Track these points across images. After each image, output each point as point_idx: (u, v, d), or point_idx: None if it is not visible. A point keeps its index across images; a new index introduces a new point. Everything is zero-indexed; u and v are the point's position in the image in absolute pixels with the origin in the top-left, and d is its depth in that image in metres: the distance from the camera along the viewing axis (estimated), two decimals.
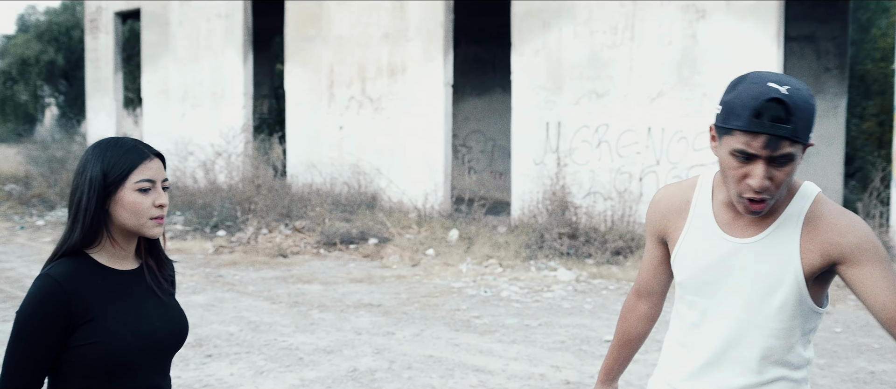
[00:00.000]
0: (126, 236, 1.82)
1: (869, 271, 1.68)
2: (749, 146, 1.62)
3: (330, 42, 13.84)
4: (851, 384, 4.95)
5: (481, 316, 6.65)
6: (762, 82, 1.63)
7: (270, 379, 5.04)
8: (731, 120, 1.65)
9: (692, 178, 1.91)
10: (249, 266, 9.09)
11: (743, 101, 1.62)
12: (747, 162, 1.64)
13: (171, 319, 1.87)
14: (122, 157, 1.77)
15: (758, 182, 1.62)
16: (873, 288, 1.68)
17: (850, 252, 1.69)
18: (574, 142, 11.22)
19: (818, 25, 13.66)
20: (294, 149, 14.29)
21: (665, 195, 1.91)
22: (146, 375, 1.81)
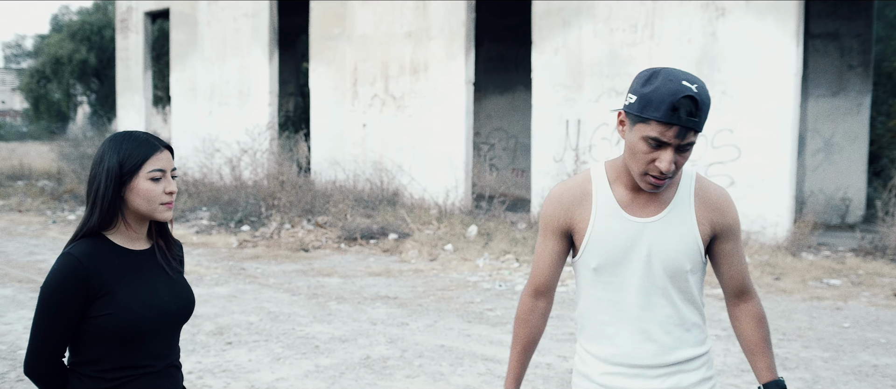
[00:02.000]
0: (139, 220, 2.01)
1: (733, 246, 2.04)
2: (663, 135, 1.83)
3: (354, 41, 14.04)
4: (853, 376, 5.01)
5: (494, 309, 6.78)
6: (677, 80, 1.83)
7: (286, 365, 5.22)
8: (649, 111, 1.84)
9: (583, 173, 2.07)
10: (272, 259, 9.30)
11: (661, 96, 1.81)
12: (658, 148, 1.85)
13: (178, 294, 2.06)
14: (137, 149, 1.96)
15: (666, 165, 1.85)
16: (733, 261, 2.04)
17: (728, 227, 2.03)
18: (593, 140, 11.30)
19: (842, 23, 13.58)
20: (318, 147, 14.52)
21: (564, 190, 2.03)
22: (156, 344, 2.01)
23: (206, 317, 6.39)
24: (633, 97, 1.88)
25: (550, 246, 2.06)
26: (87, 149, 17.21)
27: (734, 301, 2.08)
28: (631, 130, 1.90)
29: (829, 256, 9.19)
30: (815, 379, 4.99)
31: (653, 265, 1.97)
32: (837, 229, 12.12)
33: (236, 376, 5.02)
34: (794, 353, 5.54)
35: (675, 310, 2.01)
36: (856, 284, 7.86)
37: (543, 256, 2.07)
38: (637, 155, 1.89)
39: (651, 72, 1.89)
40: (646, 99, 1.85)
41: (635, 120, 1.88)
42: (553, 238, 2.04)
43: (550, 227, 2.04)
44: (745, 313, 2.07)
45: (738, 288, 2.06)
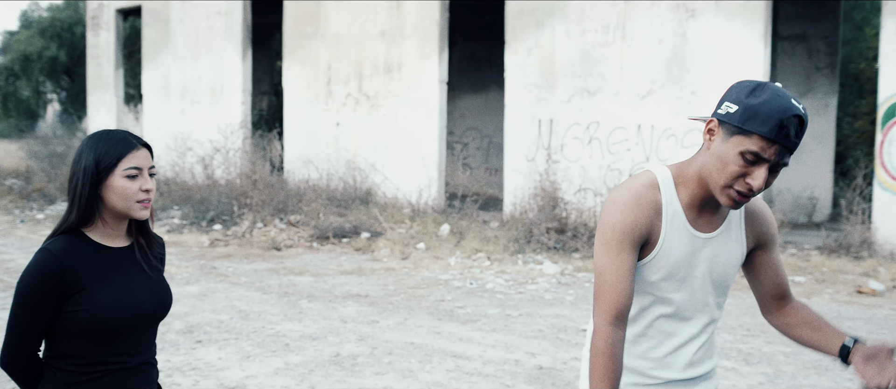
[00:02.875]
0: (116, 217, 2.03)
1: (777, 254, 2.03)
2: (764, 151, 1.72)
3: (327, 39, 14.03)
4: (813, 370, 5.12)
5: (465, 307, 6.83)
6: (786, 97, 1.73)
7: (256, 363, 5.23)
8: (753, 124, 1.72)
9: (643, 178, 1.89)
10: (243, 258, 9.28)
11: (770, 111, 1.70)
12: (753, 164, 1.75)
13: (155, 292, 2.08)
14: (113, 147, 1.98)
15: (759, 183, 1.75)
16: (779, 269, 2.03)
17: (772, 237, 2.01)
18: (565, 139, 11.39)
19: (810, 25, 13.80)
20: (291, 146, 14.48)
21: (639, 195, 1.85)
22: (130, 341, 2.03)
23: (176, 316, 6.37)
24: (734, 107, 1.76)
25: (627, 260, 1.82)
26: (56, 147, 17.03)
27: (778, 303, 2.03)
28: (725, 141, 1.78)
29: (795, 254, 9.34)
30: (776, 374, 5.09)
31: (706, 281, 1.93)
32: (804, 227, 12.32)
33: (205, 374, 5.02)
34: (757, 348, 5.64)
35: (711, 323, 1.99)
36: (820, 281, 8.01)
37: (623, 272, 1.81)
38: (727, 168, 1.77)
39: (756, 83, 1.77)
40: (751, 110, 1.73)
41: (733, 131, 1.76)
42: (629, 249, 1.82)
43: (629, 237, 1.82)
44: (793, 307, 2.03)
45: (783, 291, 2.03)
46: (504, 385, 4.82)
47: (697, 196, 1.87)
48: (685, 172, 1.88)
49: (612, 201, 1.85)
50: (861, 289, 7.64)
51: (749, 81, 1.79)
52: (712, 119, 1.80)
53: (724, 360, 5.35)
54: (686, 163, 1.90)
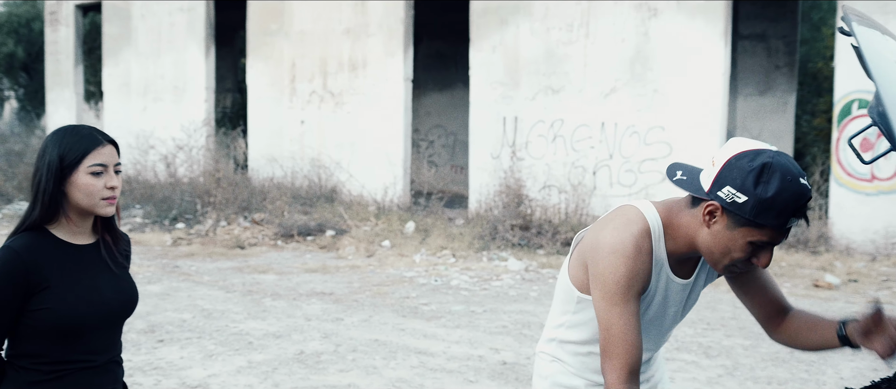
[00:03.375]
0: (81, 214, 2.00)
1: (759, 274, 1.97)
2: (775, 240, 1.66)
3: (292, 37, 13.95)
4: (771, 362, 5.23)
5: (429, 304, 6.85)
6: (795, 177, 1.62)
7: (219, 362, 5.19)
8: (767, 218, 1.62)
9: (639, 224, 1.80)
10: (207, 257, 9.20)
11: (784, 203, 1.60)
12: (761, 248, 1.68)
13: (121, 290, 2.05)
14: (77, 143, 1.95)
15: (767, 263, 1.70)
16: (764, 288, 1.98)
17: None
18: (530, 137, 11.46)
19: (769, 24, 14.04)
20: (255, 143, 14.38)
21: (641, 246, 1.77)
22: (96, 339, 2.01)
23: (138, 315, 6.29)
24: (742, 197, 1.63)
25: (634, 311, 1.75)
26: (14, 145, 16.71)
27: (777, 321, 1.95)
28: (731, 230, 1.68)
29: None
30: (735, 366, 5.18)
31: (675, 318, 1.96)
32: None
33: (167, 373, 4.97)
34: (716, 341, 5.74)
35: (663, 347, 2.07)
36: (778, 276, 8.15)
37: (632, 326, 1.74)
38: (732, 254, 1.71)
39: (761, 164, 1.63)
40: (765, 204, 1.62)
41: (743, 222, 1.66)
42: (634, 300, 1.76)
43: (634, 289, 1.76)
44: (791, 318, 1.95)
45: (779, 308, 1.95)
46: (468, 380, 4.85)
47: (683, 251, 1.82)
48: (674, 225, 1.81)
49: (613, 251, 1.75)
50: (818, 283, 7.80)
51: (748, 157, 1.65)
52: (713, 202, 1.69)
53: (684, 354, 5.44)
54: (675, 213, 1.82)
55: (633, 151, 10.76)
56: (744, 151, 1.67)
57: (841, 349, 1.87)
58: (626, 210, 1.84)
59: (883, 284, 7.86)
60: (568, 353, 2.00)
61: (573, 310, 1.95)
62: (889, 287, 7.75)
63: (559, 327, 2.01)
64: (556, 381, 2.01)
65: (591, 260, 1.81)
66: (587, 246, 1.85)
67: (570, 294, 1.95)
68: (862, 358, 5.41)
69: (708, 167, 1.73)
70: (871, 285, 7.82)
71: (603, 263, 1.76)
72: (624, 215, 1.82)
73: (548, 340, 2.05)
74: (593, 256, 1.80)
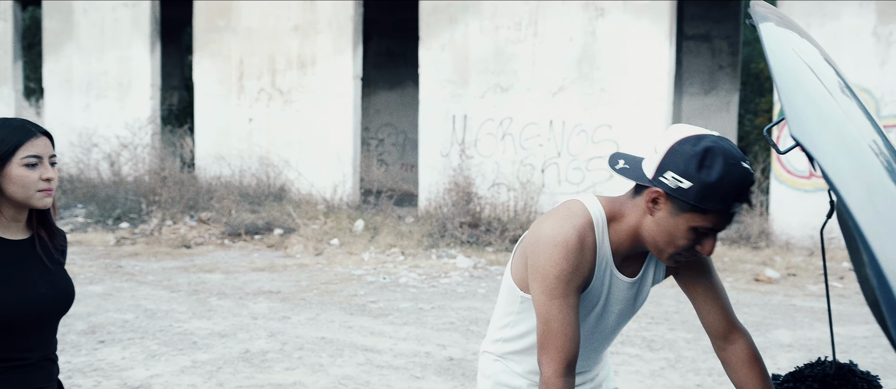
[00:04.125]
0: (16, 208, 1.95)
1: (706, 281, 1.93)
2: (718, 225, 1.63)
3: (239, 33, 13.78)
4: (712, 355, 5.34)
5: (377, 301, 6.84)
6: (737, 161, 1.60)
7: (162, 362, 5.11)
8: (712, 202, 1.60)
9: (582, 217, 1.77)
10: (151, 257, 9.04)
11: (729, 187, 1.59)
12: (705, 235, 1.66)
13: (56, 286, 2.00)
14: (9, 135, 1.90)
15: (711, 249, 1.67)
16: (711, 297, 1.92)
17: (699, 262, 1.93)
18: (479, 135, 11.51)
19: (713, 25, 14.33)
20: (202, 141, 14.17)
21: (582, 237, 1.74)
22: (29, 336, 1.96)
23: (78, 316, 6.16)
24: (686, 182, 1.61)
25: (573, 305, 1.73)
26: None
27: (723, 340, 1.90)
28: (674, 215, 1.66)
29: None
30: (677, 359, 5.29)
31: (621, 317, 1.92)
32: None
33: (108, 374, 4.88)
34: (660, 335, 5.85)
35: (610, 345, 2.03)
36: (721, 270, 8.34)
37: (570, 319, 1.73)
38: (677, 241, 1.68)
39: (703, 149, 1.61)
40: (709, 189, 1.60)
41: (687, 208, 1.64)
42: (575, 294, 1.74)
43: (574, 283, 1.74)
44: (734, 347, 1.89)
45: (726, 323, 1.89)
46: (414, 377, 4.85)
47: (628, 246, 1.79)
48: (618, 218, 1.78)
49: (553, 243, 1.72)
50: (758, 277, 8.00)
51: (690, 142, 1.63)
52: (656, 189, 1.67)
53: (628, 347, 5.52)
54: (618, 206, 1.79)
55: (580, 149, 10.89)
56: (686, 137, 1.65)
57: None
58: (569, 204, 1.82)
59: (820, 278, 8.09)
60: (511, 352, 1.98)
61: (517, 310, 1.93)
62: None
63: (504, 327, 1.99)
64: (499, 381, 2.00)
65: (531, 253, 1.79)
66: (528, 241, 1.83)
67: (513, 293, 1.93)
68: (798, 349, 5.56)
69: (650, 154, 1.72)
70: (809, 279, 8.04)
71: (543, 256, 1.74)
72: (567, 208, 1.80)
73: (492, 340, 2.04)
74: (533, 249, 1.77)
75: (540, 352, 1.74)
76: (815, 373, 1.82)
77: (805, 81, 1.05)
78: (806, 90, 1.02)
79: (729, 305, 1.90)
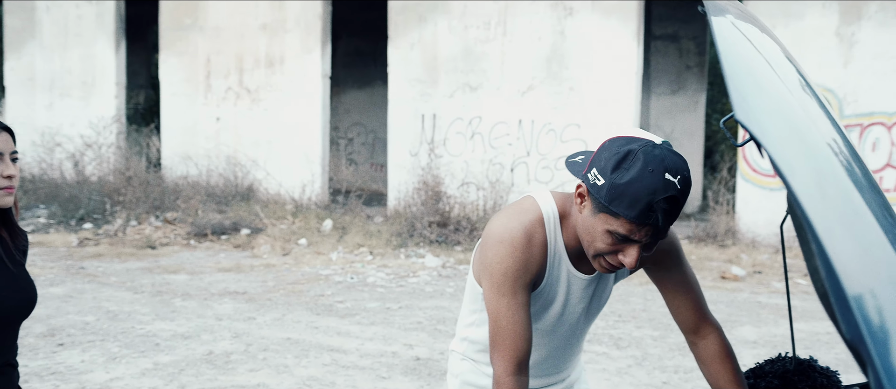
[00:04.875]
0: None
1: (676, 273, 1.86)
2: (633, 234, 1.56)
3: (207, 32, 13.62)
4: (678, 352, 5.37)
5: (344, 301, 6.78)
6: (660, 171, 1.51)
7: (122, 365, 5.01)
8: (619, 206, 1.53)
9: (531, 213, 1.73)
10: (115, 258, 8.89)
11: (637, 193, 1.50)
12: (624, 242, 1.59)
13: (18, 288, 1.93)
14: None
15: (631, 261, 1.59)
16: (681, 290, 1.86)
17: (666, 255, 1.85)
18: (448, 134, 11.49)
19: (681, 25, 14.44)
20: (169, 141, 13.98)
21: (532, 235, 1.70)
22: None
23: (37, 319, 6.03)
24: (600, 179, 1.56)
25: (523, 302, 1.68)
26: None
27: (694, 335, 1.85)
28: (593, 215, 1.61)
29: None
30: (644, 356, 5.30)
31: (582, 316, 1.87)
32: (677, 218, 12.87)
33: (66, 378, 4.77)
34: (627, 333, 5.86)
35: (579, 346, 1.97)
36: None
37: (520, 317, 1.68)
38: (595, 242, 1.62)
39: (626, 150, 1.55)
40: (617, 190, 1.53)
41: (601, 208, 1.58)
42: (524, 291, 1.69)
43: (523, 280, 1.68)
44: (705, 341, 1.85)
45: (697, 317, 1.84)
46: (380, 377, 4.81)
47: (579, 245, 1.74)
48: (568, 216, 1.74)
49: (501, 240, 1.68)
50: (725, 275, 8.06)
51: (620, 142, 1.58)
52: (581, 184, 1.64)
53: (595, 345, 5.53)
54: (570, 203, 1.75)
55: (549, 148, 10.91)
56: (620, 136, 1.61)
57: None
58: (522, 201, 1.79)
59: None
60: (477, 351, 1.95)
61: (480, 308, 1.89)
62: (791, 278, 8.06)
63: (469, 325, 1.96)
64: (467, 380, 1.97)
65: (481, 250, 1.76)
66: (482, 238, 1.79)
67: (475, 292, 1.90)
68: (762, 346, 5.61)
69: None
70: (775, 276, 8.12)
71: (491, 253, 1.70)
72: (518, 205, 1.77)
73: (459, 339, 2.01)
74: (483, 246, 1.74)
75: (491, 350, 1.70)
76: (775, 369, 1.81)
77: (755, 67, 1.03)
78: (755, 75, 1.00)
79: (701, 299, 1.85)
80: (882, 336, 0.72)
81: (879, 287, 0.80)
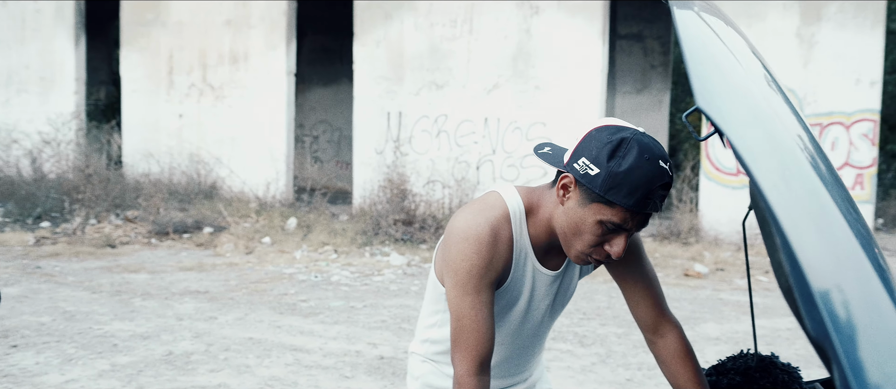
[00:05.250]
0: None
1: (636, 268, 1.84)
2: (626, 222, 1.55)
3: (169, 27, 13.40)
4: (642, 349, 5.39)
5: (308, 300, 6.70)
6: (654, 158, 1.51)
7: (79, 366, 4.89)
8: (617, 195, 1.51)
9: (497, 209, 1.69)
10: (73, 257, 8.70)
11: (636, 181, 1.50)
12: (613, 232, 1.57)
13: None
14: None
15: (619, 251, 1.57)
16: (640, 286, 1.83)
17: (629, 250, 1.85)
18: (414, 132, 11.44)
19: (645, 25, 14.55)
20: (130, 138, 13.74)
21: (495, 230, 1.65)
22: None
23: None
24: (595, 169, 1.53)
25: (487, 301, 1.64)
26: None
27: (654, 335, 1.83)
28: (582, 206, 1.58)
29: None
30: (608, 353, 5.31)
31: (548, 312, 1.84)
32: None
33: (19, 381, 4.64)
34: (591, 330, 5.87)
35: (542, 345, 1.93)
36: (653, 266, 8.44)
37: (483, 316, 1.63)
38: (583, 235, 1.59)
39: (618, 139, 1.54)
40: (616, 179, 1.51)
41: (593, 198, 1.55)
42: (488, 290, 1.65)
43: (487, 278, 1.64)
44: (665, 340, 1.82)
45: (656, 313, 1.82)
46: (343, 376, 4.75)
47: (546, 238, 1.71)
48: (536, 210, 1.70)
49: (465, 237, 1.63)
50: (688, 272, 8.12)
51: (609, 131, 1.56)
52: (567, 174, 1.60)
53: (560, 343, 5.52)
54: (537, 198, 1.71)
55: (515, 146, 10.91)
56: (606, 125, 1.59)
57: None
58: (486, 196, 1.74)
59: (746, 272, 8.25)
60: (440, 353, 1.90)
61: (443, 309, 1.84)
62: (752, 275, 8.15)
63: (431, 327, 1.91)
64: (428, 382, 1.92)
65: (444, 247, 1.70)
66: (445, 235, 1.74)
67: (437, 291, 1.84)
68: (725, 342, 5.65)
69: (572, 142, 1.65)
70: (737, 274, 8.21)
71: (454, 250, 1.64)
72: (482, 201, 1.72)
73: (420, 340, 1.95)
74: (446, 243, 1.68)
75: (452, 350, 1.65)
76: (737, 366, 1.81)
77: (719, 57, 1.01)
78: (718, 65, 0.98)
79: (660, 297, 1.83)
80: (848, 332, 0.69)
81: (845, 282, 0.77)
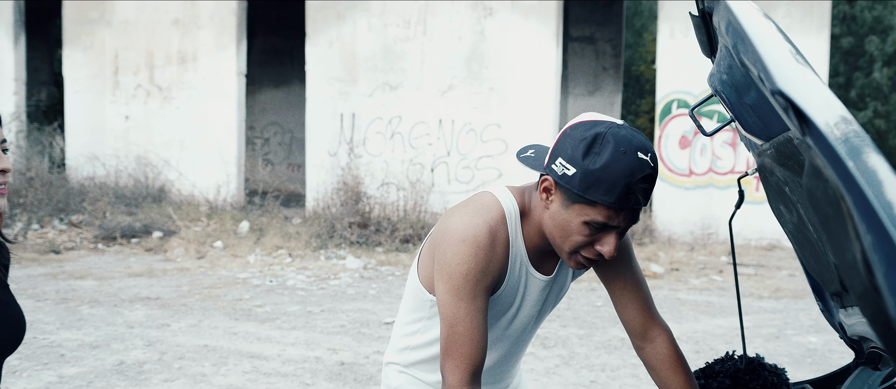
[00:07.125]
0: None
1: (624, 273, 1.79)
2: (611, 220, 1.48)
3: (115, 26, 13.05)
4: (604, 350, 5.38)
5: (264, 305, 6.56)
6: (632, 151, 1.44)
7: (23, 379, 4.68)
8: (596, 193, 1.45)
9: (494, 211, 1.61)
10: (14, 264, 8.38)
11: (614, 177, 1.43)
12: (601, 231, 1.51)
13: (4, 317, 1.51)
14: None
15: (610, 250, 1.51)
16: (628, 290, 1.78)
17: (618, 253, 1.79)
18: (368, 134, 11.33)
19: (597, 27, 14.68)
20: (74, 140, 13.34)
21: (496, 235, 1.59)
22: None
23: None
24: (571, 168, 1.47)
25: (482, 307, 1.57)
26: None
27: (642, 339, 1.77)
28: (565, 207, 1.51)
29: None
30: (570, 355, 5.29)
31: (535, 318, 1.77)
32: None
33: None
34: (553, 332, 5.85)
35: (524, 351, 1.87)
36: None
37: (478, 323, 1.56)
38: (572, 236, 1.53)
39: (593, 135, 1.47)
40: (592, 177, 1.45)
41: (574, 198, 1.49)
42: (484, 295, 1.57)
43: (484, 283, 1.57)
44: (654, 345, 1.77)
45: (644, 317, 1.76)
46: (304, 383, 4.64)
47: (540, 243, 1.64)
48: (529, 213, 1.63)
49: (462, 239, 1.54)
50: (644, 272, 8.18)
51: (584, 127, 1.49)
52: (546, 176, 1.54)
53: None
54: (528, 198, 1.65)
55: (470, 148, 10.88)
56: (581, 121, 1.52)
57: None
58: (480, 196, 1.66)
59: (701, 272, 8.36)
60: (420, 361, 1.80)
61: (427, 315, 1.75)
62: (706, 274, 8.25)
63: (411, 334, 1.80)
64: None
65: (437, 248, 1.60)
66: (436, 237, 1.64)
67: (420, 296, 1.74)
68: (685, 342, 5.69)
69: (552, 142, 1.57)
70: (691, 273, 8.30)
71: (450, 253, 1.55)
72: (477, 201, 1.63)
73: (398, 348, 1.83)
74: (440, 245, 1.58)
75: (444, 358, 1.57)
76: (725, 369, 1.78)
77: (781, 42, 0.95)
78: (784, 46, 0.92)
79: (649, 300, 1.77)
80: None
81: None
